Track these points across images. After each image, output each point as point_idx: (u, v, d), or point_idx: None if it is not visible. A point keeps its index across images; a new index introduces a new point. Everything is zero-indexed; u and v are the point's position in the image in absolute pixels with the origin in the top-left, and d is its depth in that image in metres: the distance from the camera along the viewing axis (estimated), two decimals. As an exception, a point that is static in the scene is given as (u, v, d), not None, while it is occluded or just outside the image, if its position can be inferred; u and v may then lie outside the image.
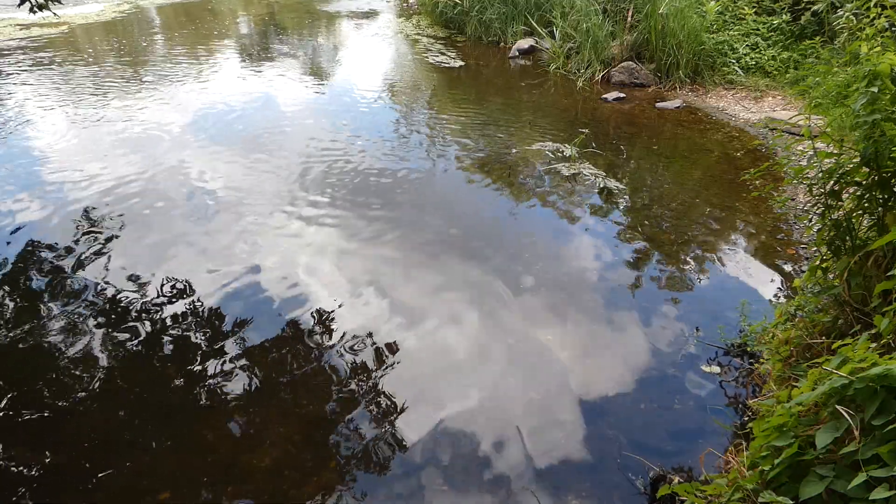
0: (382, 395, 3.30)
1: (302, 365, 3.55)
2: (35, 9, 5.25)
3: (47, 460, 2.91)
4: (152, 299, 4.06)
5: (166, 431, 3.07)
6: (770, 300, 3.98)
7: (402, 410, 3.21)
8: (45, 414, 3.19)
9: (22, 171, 5.94)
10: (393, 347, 3.63)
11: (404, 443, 3.02)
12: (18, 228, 4.92)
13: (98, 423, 3.13)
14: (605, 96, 7.96)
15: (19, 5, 5.23)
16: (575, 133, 6.71)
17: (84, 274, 4.32)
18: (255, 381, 3.42)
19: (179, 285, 4.19)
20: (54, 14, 5.84)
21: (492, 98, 8.37)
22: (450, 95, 8.53)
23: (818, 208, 2.99)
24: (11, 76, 8.97)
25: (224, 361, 3.55)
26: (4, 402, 3.26)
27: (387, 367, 3.49)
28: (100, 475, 2.83)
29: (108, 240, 4.74)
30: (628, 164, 6.17)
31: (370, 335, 3.73)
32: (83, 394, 3.30)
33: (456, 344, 3.69)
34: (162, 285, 4.19)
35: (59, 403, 3.25)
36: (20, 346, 3.66)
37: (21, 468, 2.87)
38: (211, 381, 3.41)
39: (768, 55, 8.03)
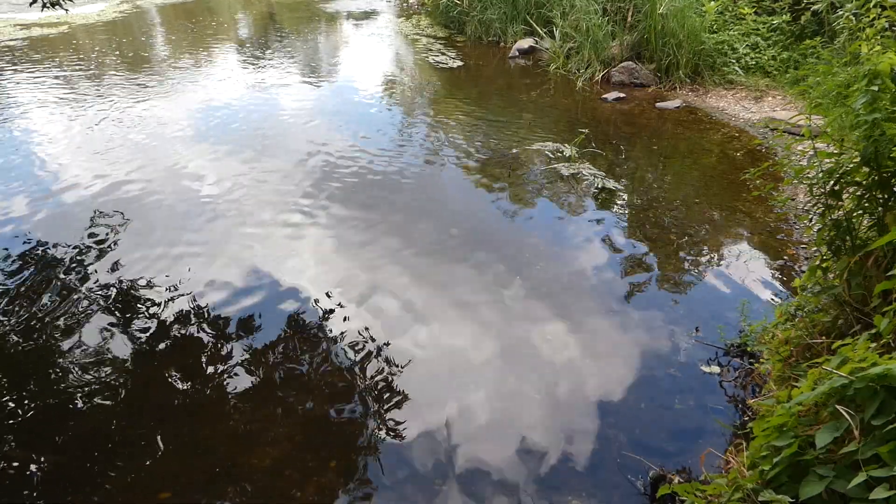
0: (383, 395, 3.30)
1: (302, 364, 3.56)
2: (47, 5, 5.27)
3: (47, 460, 2.92)
4: (152, 299, 4.06)
5: (166, 431, 3.07)
6: (770, 300, 3.98)
7: (403, 410, 3.21)
8: (46, 414, 3.19)
9: (22, 171, 5.94)
10: (393, 347, 3.63)
11: (404, 442, 3.02)
12: (18, 228, 4.92)
13: (98, 423, 3.13)
14: (604, 96, 7.96)
15: (31, 4, 5.24)
16: (575, 133, 6.71)
17: (83, 274, 4.32)
18: (256, 380, 3.43)
19: (179, 285, 4.19)
20: (66, 11, 5.85)
21: (492, 98, 8.36)
22: (450, 95, 8.53)
23: (818, 208, 2.99)
24: (11, 76, 8.97)
25: (224, 361, 3.55)
26: (5, 401, 3.26)
27: (387, 367, 3.49)
28: (100, 475, 2.83)
29: (109, 240, 4.74)
30: (628, 163, 6.17)
31: (370, 335, 3.73)
32: (83, 394, 3.31)
33: (455, 343, 3.69)
34: (162, 285, 4.19)
35: (60, 403, 3.25)
36: (20, 345, 3.66)
37: (21, 468, 2.87)
38: (211, 380, 3.41)
39: (768, 55, 8.03)
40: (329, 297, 4.08)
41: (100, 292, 4.13)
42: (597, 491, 2.74)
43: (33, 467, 2.88)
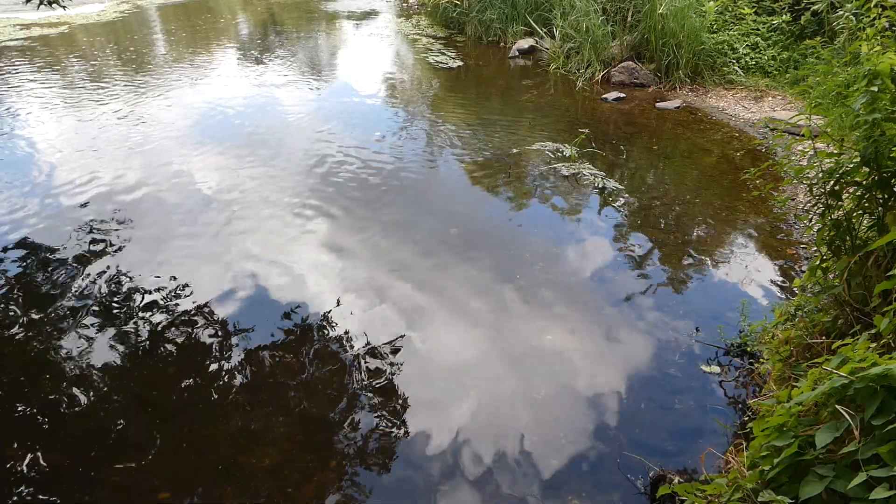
0: (383, 395, 3.31)
1: (302, 364, 3.56)
2: (44, 4, 5.27)
3: (47, 460, 2.92)
4: (152, 300, 4.06)
5: (166, 431, 3.07)
6: (770, 300, 3.98)
7: (403, 410, 3.21)
8: (45, 414, 3.19)
9: (22, 171, 5.94)
10: (393, 347, 3.63)
11: (404, 442, 3.02)
12: (18, 229, 4.91)
13: (98, 423, 3.13)
14: (605, 96, 7.96)
15: (26, 2, 5.24)
16: (575, 133, 6.71)
17: (84, 274, 4.32)
18: (256, 380, 3.43)
19: (180, 286, 4.19)
20: (64, 9, 5.87)
21: (492, 98, 8.36)
22: (450, 95, 8.53)
23: (818, 208, 2.99)
24: (11, 77, 8.97)
25: (224, 361, 3.55)
26: (5, 402, 3.26)
27: (387, 367, 3.49)
28: (100, 475, 2.83)
29: (109, 240, 4.74)
30: (628, 163, 6.17)
31: (371, 335, 3.73)
32: (83, 394, 3.31)
33: (456, 344, 3.69)
34: (162, 286, 4.19)
35: (60, 403, 3.25)
36: (21, 346, 3.66)
37: (21, 468, 2.87)
38: (211, 380, 3.41)
39: (768, 55, 8.03)
40: (328, 297, 4.08)
41: (100, 292, 4.13)
42: (597, 491, 2.74)
43: (33, 467, 2.88)
